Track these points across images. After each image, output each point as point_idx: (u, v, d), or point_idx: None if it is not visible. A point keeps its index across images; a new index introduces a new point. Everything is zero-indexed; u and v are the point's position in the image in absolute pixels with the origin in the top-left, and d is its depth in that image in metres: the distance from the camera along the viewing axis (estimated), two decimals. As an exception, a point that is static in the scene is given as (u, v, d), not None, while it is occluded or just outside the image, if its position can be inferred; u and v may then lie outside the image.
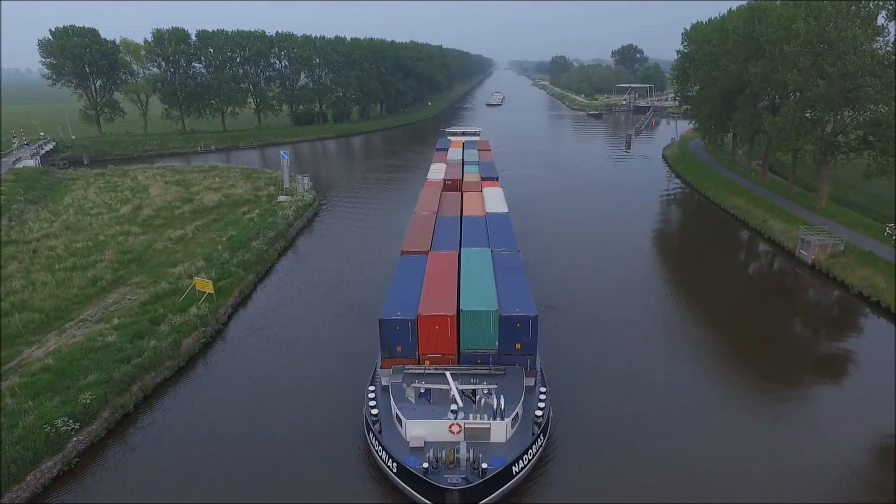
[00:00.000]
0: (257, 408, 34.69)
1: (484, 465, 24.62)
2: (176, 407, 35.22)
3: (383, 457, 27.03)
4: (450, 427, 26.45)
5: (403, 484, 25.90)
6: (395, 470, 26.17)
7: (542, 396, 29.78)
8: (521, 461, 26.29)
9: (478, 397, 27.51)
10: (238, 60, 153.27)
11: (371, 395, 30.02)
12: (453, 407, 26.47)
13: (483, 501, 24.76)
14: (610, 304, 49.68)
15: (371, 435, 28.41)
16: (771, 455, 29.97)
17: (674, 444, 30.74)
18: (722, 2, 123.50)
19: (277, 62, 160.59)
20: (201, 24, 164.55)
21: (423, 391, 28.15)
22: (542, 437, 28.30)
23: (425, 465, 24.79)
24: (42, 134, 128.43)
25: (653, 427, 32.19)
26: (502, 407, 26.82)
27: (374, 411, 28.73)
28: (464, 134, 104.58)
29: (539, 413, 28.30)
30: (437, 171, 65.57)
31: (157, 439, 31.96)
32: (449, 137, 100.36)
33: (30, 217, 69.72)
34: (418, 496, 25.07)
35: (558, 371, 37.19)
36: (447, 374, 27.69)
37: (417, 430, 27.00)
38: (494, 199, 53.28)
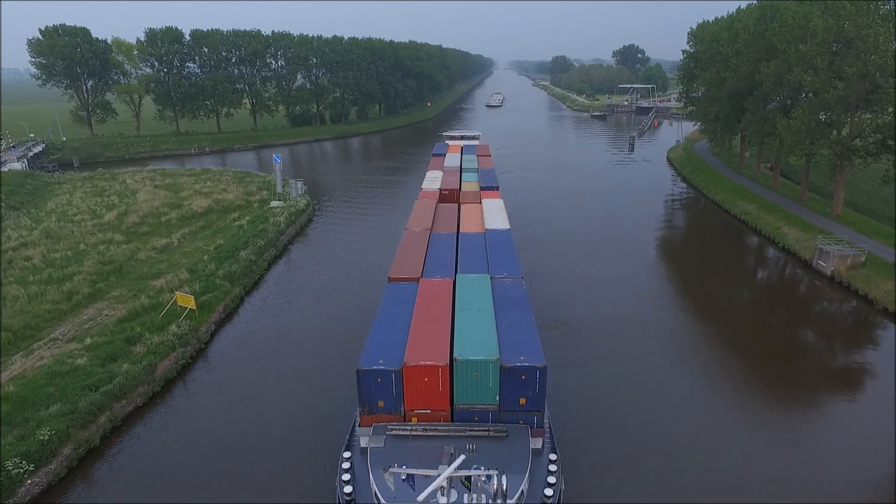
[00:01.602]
0: (233, 446, 31.65)
1: None
2: (145, 434, 32.18)
3: None
4: None
5: None
6: None
7: (553, 467, 25.13)
8: None
9: (473, 480, 22.69)
10: (233, 60, 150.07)
11: (345, 466, 24.94)
12: (441, 501, 21.46)
13: None
14: (618, 318, 46.64)
15: None
16: None
17: None
18: (725, 1, 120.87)
19: (274, 62, 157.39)
20: (199, 24, 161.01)
21: (404, 478, 23.11)
22: None
23: None
24: (32, 135, 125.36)
25: (681, 487, 28.40)
26: (504, 487, 21.82)
27: (348, 489, 23.72)
28: (462, 138, 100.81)
29: (549, 492, 23.70)
30: (432, 180, 61.41)
31: (117, 483, 28.90)
32: (447, 142, 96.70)
33: (9, 224, 66.63)
34: None
35: (566, 406, 34.20)
36: (439, 474, 21.76)
37: None
38: (495, 213, 48.36)
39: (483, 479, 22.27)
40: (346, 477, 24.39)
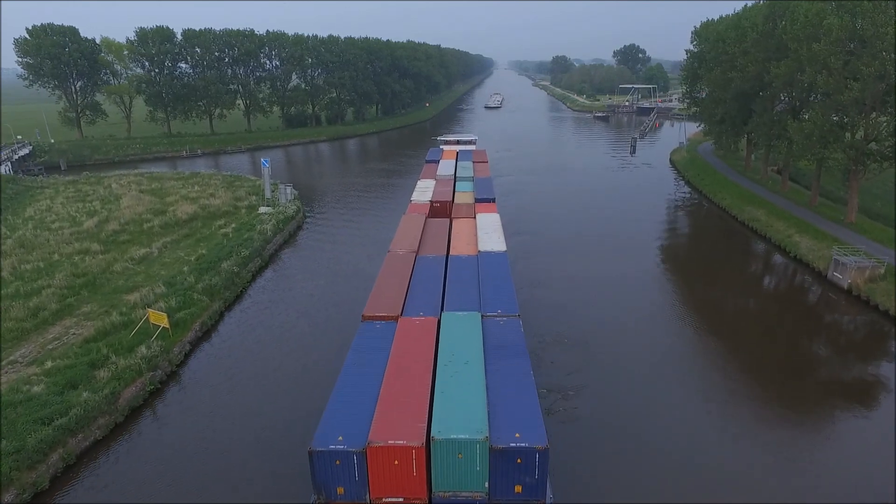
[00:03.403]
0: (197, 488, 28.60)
1: None
2: (104, 467, 29.07)
3: None
4: None
5: None
6: None
7: None
8: None
9: None
10: (227, 61, 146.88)
11: None
12: None
13: None
14: (620, 330, 43.57)
15: None
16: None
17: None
18: (727, 1, 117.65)
19: (268, 62, 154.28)
20: (196, 25, 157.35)
21: None
22: None
23: None
24: (19, 137, 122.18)
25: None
26: None
27: None
28: (458, 142, 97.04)
29: None
30: (423, 190, 57.14)
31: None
32: (442, 147, 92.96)
33: (-17, 232, 63.54)
34: None
35: (568, 444, 31.13)
36: None
37: None
38: (490, 232, 43.41)
39: None
40: None
